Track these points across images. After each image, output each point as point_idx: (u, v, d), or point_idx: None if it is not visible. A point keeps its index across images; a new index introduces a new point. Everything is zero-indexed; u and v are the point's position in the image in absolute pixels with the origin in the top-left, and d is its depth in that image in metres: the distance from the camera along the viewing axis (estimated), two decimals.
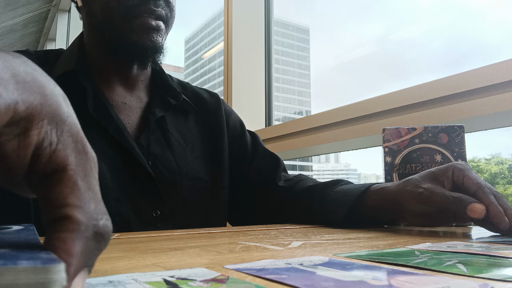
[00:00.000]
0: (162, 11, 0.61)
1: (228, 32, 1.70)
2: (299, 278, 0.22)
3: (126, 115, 0.63)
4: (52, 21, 5.99)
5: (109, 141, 0.58)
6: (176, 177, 0.63)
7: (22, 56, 0.18)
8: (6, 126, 0.15)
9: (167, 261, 0.27)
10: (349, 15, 16.73)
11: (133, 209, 0.57)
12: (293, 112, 20.07)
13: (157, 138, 0.64)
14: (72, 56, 0.62)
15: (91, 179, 0.17)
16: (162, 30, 0.61)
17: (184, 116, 0.70)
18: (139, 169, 0.59)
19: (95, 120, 0.58)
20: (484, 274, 0.23)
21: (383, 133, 0.67)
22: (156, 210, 0.59)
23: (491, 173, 1.18)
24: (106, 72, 0.64)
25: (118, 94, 0.64)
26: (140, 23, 0.59)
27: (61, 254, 0.15)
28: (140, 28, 0.59)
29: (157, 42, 0.61)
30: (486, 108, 0.82)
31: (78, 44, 0.65)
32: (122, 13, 0.59)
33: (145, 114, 0.65)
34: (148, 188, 0.59)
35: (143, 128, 0.63)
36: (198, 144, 0.69)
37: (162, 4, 0.61)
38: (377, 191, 0.55)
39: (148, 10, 0.59)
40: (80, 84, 0.59)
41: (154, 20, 0.60)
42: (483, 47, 1.00)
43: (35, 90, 0.17)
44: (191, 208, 0.64)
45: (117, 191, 0.56)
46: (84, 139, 0.18)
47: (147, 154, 0.61)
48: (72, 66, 0.59)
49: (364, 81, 7.65)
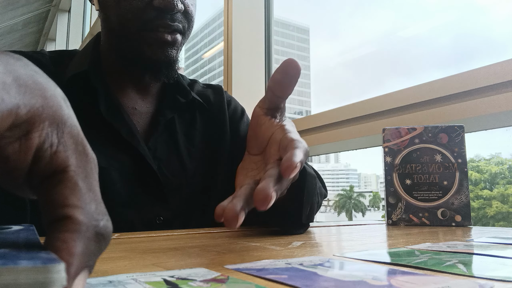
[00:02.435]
0: (179, 25, 0.58)
1: (228, 32, 1.70)
2: (299, 278, 0.22)
3: (136, 120, 0.63)
4: (52, 21, 5.99)
5: (120, 144, 0.58)
6: (180, 181, 0.62)
7: (23, 58, 0.19)
8: (8, 130, 0.16)
9: (167, 261, 0.27)
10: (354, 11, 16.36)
11: (138, 214, 0.57)
12: (293, 112, 20.06)
13: (164, 141, 0.63)
14: (86, 57, 0.61)
15: (91, 180, 0.17)
16: (178, 42, 0.59)
17: (191, 116, 0.69)
18: (148, 173, 0.58)
19: (106, 122, 0.57)
20: (484, 274, 0.23)
21: (383, 133, 0.67)
22: (160, 216, 0.59)
23: (491, 173, 1.19)
24: (119, 76, 0.64)
25: (130, 99, 0.64)
26: (155, 37, 0.57)
27: (62, 254, 0.15)
28: (155, 42, 0.57)
29: (171, 57, 0.59)
30: (486, 108, 0.82)
31: (93, 45, 0.64)
32: (137, 26, 0.57)
33: (154, 119, 0.64)
34: (154, 193, 0.59)
35: (152, 132, 0.62)
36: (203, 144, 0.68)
37: (179, 17, 0.58)
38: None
39: (165, 25, 0.56)
40: (92, 85, 0.58)
41: (170, 34, 0.57)
42: (490, 43, 0.99)
43: (36, 92, 0.17)
44: (193, 212, 0.64)
45: (124, 196, 0.56)
46: (85, 141, 0.18)
47: (154, 158, 0.60)
48: (85, 67, 0.58)
49: (369, 78, 7.51)
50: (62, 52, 0.65)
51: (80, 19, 4.89)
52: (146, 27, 0.57)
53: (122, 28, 0.58)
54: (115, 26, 0.59)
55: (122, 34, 0.59)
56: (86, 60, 0.60)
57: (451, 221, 0.62)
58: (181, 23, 0.59)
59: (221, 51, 1.77)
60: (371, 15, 23.40)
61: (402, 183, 0.65)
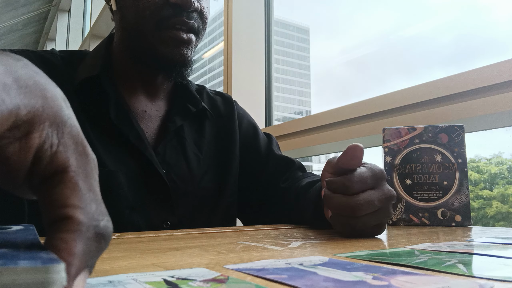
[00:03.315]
0: (195, 23, 0.60)
1: (228, 32, 1.70)
2: (299, 278, 0.22)
3: (145, 123, 0.63)
4: (52, 21, 6.00)
5: (128, 148, 0.58)
6: (187, 187, 0.62)
7: (23, 59, 0.19)
8: (8, 130, 0.16)
9: (167, 261, 0.27)
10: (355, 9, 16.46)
11: (145, 218, 0.57)
12: (293, 112, 20.04)
13: (173, 147, 0.63)
14: (97, 60, 0.62)
15: (91, 180, 0.17)
16: (192, 43, 0.60)
17: (200, 123, 0.69)
18: (155, 178, 0.58)
19: (115, 127, 0.58)
20: (484, 274, 0.23)
21: (383, 133, 0.67)
22: (167, 221, 0.59)
23: (491, 173, 1.18)
24: (130, 79, 0.64)
25: (139, 102, 0.64)
26: (171, 35, 0.58)
27: (62, 254, 0.15)
28: (171, 40, 0.58)
29: (187, 56, 0.60)
30: (486, 108, 0.82)
31: (105, 47, 0.64)
32: (154, 23, 0.58)
33: (164, 123, 0.65)
34: (161, 198, 0.59)
35: (161, 137, 0.63)
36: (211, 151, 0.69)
37: (195, 16, 0.60)
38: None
39: (181, 22, 0.58)
40: (103, 90, 0.59)
41: (186, 33, 0.59)
42: (493, 42, 0.99)
43: (36, 93, 0.17)
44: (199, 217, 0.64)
45: (131, 200, 0.56)
46: (85, 141, 0.18)
47: (162, 163, 0.61)
48: (96, 72, 0.59)
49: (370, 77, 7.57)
50: (74, 52, 0.66)
51: (80, 19, 4.90)
52: (163, 24, 0.58)
53: (138, 27, 0.59)
54: (132, 25, 0.60)
55: (138, 33, 0.59)
56: (98, 62, 0.61)
57: (451, 221, 0.62)
58: (196, 22, 0.60)
59: (221, 51, 1.77)
60: (372, 13, 23.01)
61: (402, 183, 0.65)
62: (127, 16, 0.60)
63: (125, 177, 0.56)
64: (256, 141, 0.75)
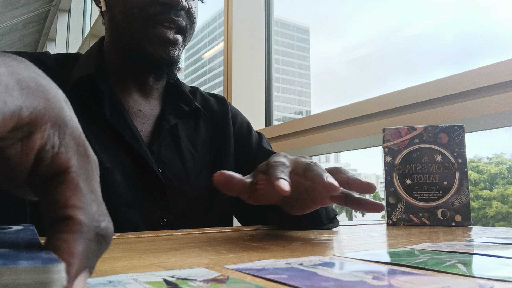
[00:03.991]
0: (183, 22, 0.61)
1: (228, 32, 1.70)
2: (299, 278, 0.22)
3: (140, 122, 0.64)
4: (52, 21, 6.00)
5: (123, 147, 0.58)
6: (183, 185, 0.63)
7: (25, 60, 0.19)
8: (10, 131, 0.16)
9: (167, 261, 0.27)
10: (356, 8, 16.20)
11: (141, 216, 0.57)
12: (293, 112, 20.07)
13: (168, 145, 0.64)
14: (90, 60, 0.62)
15: (92, 181, 0.17)
16: (179, 43, 0.61)
17: (194, 123, 0.70)
18: (150, 176, 0.59)
19: (110, 125, 0.58)
20: (484, 274, 0.23)
21: (383, 133, 0.67)
22: (163, 218, 0.59)
23: (490, 173, 1.18)
24: (123, 79, 0.65)
25: (134, 101, 0.65)
26: (158, 34, 0.59)
27: (63, 255, 0.15)
28: (157, 39, 0.59)
29: (173, 56, 0.61)
30: (486, 108, 0.82)
31: (98, 48, 0.65)
32: (142, 20, 0.59)
33: (159, 122, 0.65)
34: (157, 196, 0.59)
35: (156, 135, 0.63)
36: (206, 150, 0.69)
37: (183, 14, 0.61)
38: None
39: (169, 19, 0.59)
40: (97, 88, 0.59)
41: (173, 33, 0.60)
42: (495, 41, 0.99)
43: (38, 94, 0.17)
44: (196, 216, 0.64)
45: (127, 198, 0.56)
46: (86, 142, 0.18)
47: (158, 161, 0.61)
48: (91, 71, 0.59)
49: (371, 77, 7.53)
50: (67, 55, 0.67)
51: (80, 19, 4.90)
52: (151, 21, 0.59)
53: (127, 25, 0.60)
54: (120, 24, 0.61)
55: (126, 31, 0.60)
56: (92, 63, 0.61)
57: (451, 221, 0.62)
58: (184, 20, 0.61)
59: (221, 51, 1.77)
60: (373, 13, 22.86)
61: (402, 183, 0.65)
62: (116, 15, 0.61)
63: (121, 175, 0.57)
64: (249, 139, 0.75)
